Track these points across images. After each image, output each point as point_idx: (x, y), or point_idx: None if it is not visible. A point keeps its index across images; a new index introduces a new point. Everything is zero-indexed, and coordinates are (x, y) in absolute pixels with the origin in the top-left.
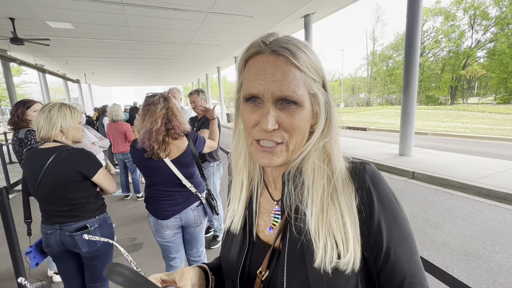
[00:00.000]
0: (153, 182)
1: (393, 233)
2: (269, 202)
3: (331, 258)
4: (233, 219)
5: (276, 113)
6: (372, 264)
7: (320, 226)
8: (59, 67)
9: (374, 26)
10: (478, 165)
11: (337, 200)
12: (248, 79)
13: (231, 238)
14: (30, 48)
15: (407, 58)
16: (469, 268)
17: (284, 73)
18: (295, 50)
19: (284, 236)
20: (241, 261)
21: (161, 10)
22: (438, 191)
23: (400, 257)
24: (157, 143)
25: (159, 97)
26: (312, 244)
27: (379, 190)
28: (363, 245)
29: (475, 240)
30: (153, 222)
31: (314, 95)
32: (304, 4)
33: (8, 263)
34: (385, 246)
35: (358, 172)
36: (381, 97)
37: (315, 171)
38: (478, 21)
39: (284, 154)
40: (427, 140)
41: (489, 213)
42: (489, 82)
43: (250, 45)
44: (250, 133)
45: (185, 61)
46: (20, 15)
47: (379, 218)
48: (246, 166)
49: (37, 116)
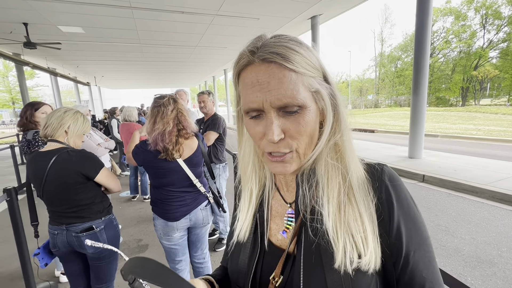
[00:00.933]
0: (163, 184)
1: (412, 237)
2: (281, 205)
3: (352, 258)
4: (241, 228)
5: (280, 121)
6: (391, 268)
7: (338, 226)
8: (70, 70)
9: (382, 27)
10: (491, 168)
11: (354, 198)
12: (244, 92)
13: (239, 247)
14: (43, 52)
15: (417, 59)
16: (483, 276)
17: (279, 80)
18: (285, 52)
19: (299, 239)
20: (253, 267)
21: (169, 14)
22: (449, 195)
23: (419, 262)
24: (171, 144)
25: (169, 98)
26: (331, 245)
27: (398, 193)
28: (381, 249)
29: (489, 246)
30: (162, 225)
31: (316, 91)
32: (311, 6)
33: (17, 264)
34: (404, 250)
35: (375, 173)
36: (390, 98)
37: (329, 169)
38: (490, 21)
39: (297, 160)
40: (438, 143)
41: (504, 218)
42: (502, 83)
43: (239, 56)
44: (260, 146)
45: (193, 63)
46: (33, 20)
47: (398, 221)
48: (256, 172)
49: (50, 114)
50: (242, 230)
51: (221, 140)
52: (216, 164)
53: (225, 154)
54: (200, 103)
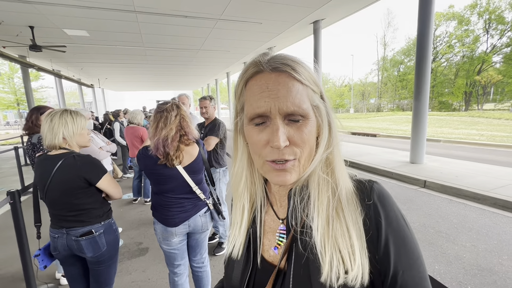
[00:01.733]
0: (163, 190)
1: (401, 256)
2: (274, 220)
3: (338, 274)
4: (234, 244)
5: (285, 129)
6: (379, 286)
7: (326, 240)
8: (74, 73)
9: (385, 31)
10: (494, 174)
11: (342, 213)
12: (251, 99)
13: (232, 262)
14: (48, 55)
15: (419, 64)
16: (483, 284)
17: (288, 88)
18: (294, 65)
19: (289, 255)
20: (245, 283)
21: (173, 18)
22: (451, 201)
23: (408, 282)
24: (172, 150)
25: (172, 104)
26: (318, 259)
27: (387, 211)
28: (370, 264)
29: (490, 254)
30: (161, 230)
31: (316, 106)
32: (314, 11)
33: (19, 264)
34: (392, 269)
35: (364, 190)
36: (392, 102)
37: (320, 183)
38: (494, 26)
39: (297, 169)
40: (440, 148)
41: (505, 226)
42: (505, 87)
43: (247, 66)
44: (261, 154)
45: (195, 66)
46: (39, 24)
47: (386, 239)
48: (248, 188)
49: (42, 124)
50: (236, 246)
51: (222, 144)
52: (217, 168)
53: (225, 158)
54: (202, 108)
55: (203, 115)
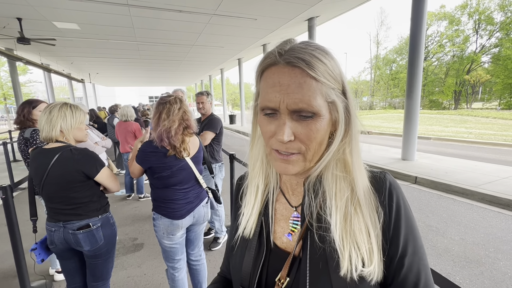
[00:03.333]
0: (171, 183)
1: (408, 242)
2: (286, 208)
3: (357, 267)
4: (246, 224)
5: (292, 124)
6: (387, 273)
7: (344, 236)
8: (64, 67)
9: (378, 30)
10: (481, 171)
11: (360, 210)
12: (264, 91)
13: (243, 245)
14: (36, 48)
15: (411, 62)
16: (471, 275)
17: (299, 85)
18: (310, 59)
19: (305, 243)
20: (258, 269)
21: (166, 12)
22: (441, 197)
23: (413, 266)
24: (178, 142)
25: (175, 97)
26: (338, 253)
27: (398, 199)
28: (383, 253)
29: (477, 247)
30: (166, 224)
31: (332, 102)
32: (308, 8)
33: (11, 261)
34: (399, 253)
35: (378, 181)
36: (384, 100)
37: (337, 180)
38: (483, 26)
39: (301, 163)
40: (430, 145)
41: (492, 220)
42: (493, 87)
43: (266, 55)
44: (268, 143)
45: (189, 62)
46: (27, 15)
47: (396, 225)
48: (263, 170)
49: (40, 116)
50: (248, 226)
51: (218, 140)
52: (213, 163)
53: (221, 154)
54: (199, 103)
55: (200, 111)
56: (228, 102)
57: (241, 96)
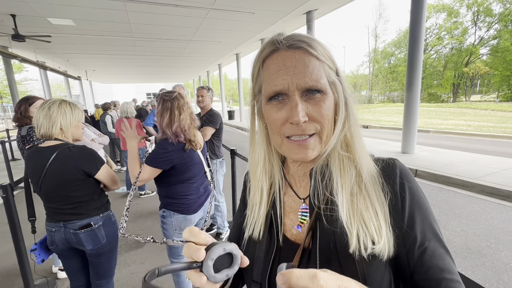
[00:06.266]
0: (186, 178)
1: (425, 227)
2: (294, 200)
3: (366, 245)
4: (254, 226)
5: (303, 105)
6: (404, 260)
7: (351, 214)
8: (60, 64)
9: (376, 23)
10: (481, 163)
11: (365, 189)
12: (269, 78)
13: (254, 244)
14: (32, 45)
15: (411, 55)
16: (473, 266)
17: (305, 64)
18: (310, 41)
19: (314, 234)
20: (270, 262)
21: (163, 7)
22: (441, 189)
23: (435, 252)
24: (192, 136)
25: (179, 93)
26: (346, 232)
27: (410, 185)
28: (395, 236)
29: (479, 238)
30: (180, 221)
31: (333, 83)
32: (307, 1)
33: (13, 260)
34: (419, 239)
35: (387, 166)
36: (383, 94)
37: (342, 161)
38: (482, 18)
39: (318, 146)
40: (430, 138)
41: (493, 211)
42: (492, 79)
43: (264, 45)
44: (280, 132)
45: (186, 58)
46: (21, 12)
47: (411, 212)
48: (266, 171)
49: (37, 113)
50: (256, 228)
51: (218, 135)
52: (213, 159)
53: (222, 149)
54: (199, 97)
55: (199, 104)
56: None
57: (239, 92)
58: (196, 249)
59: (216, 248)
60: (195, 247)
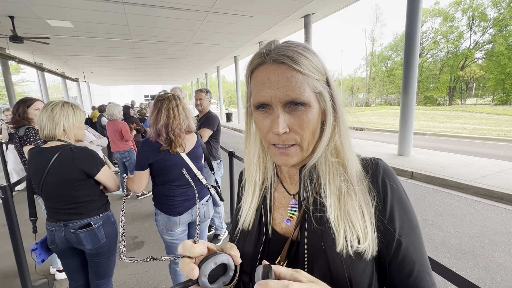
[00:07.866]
0: (168, 180)
1: (404, 222)
2: (284, 196)
3: (352, 243)
4: (245, 218)
5: (285, 116)
6: (384, 253)
7: (339, 215)
8: (58, 66)
9: (373, 27)
10: (476, 165)
11: (353, 190)
12: (255, 89)
13: (244, 234)
14: (29, 47)
15: (407, 59)
16: (467, 267)
17: (287, 79)
18: (294, 55)
19: (302, 227)
20: (259, 253)
21: (162, 9)
22: (436, 191)
23: (409, 245)
24: (174, 136)
25: (173, 95)
26: (333, 232)
27: (392, 183)
28: (378, 233)
29: (473, 239)
30: (165, 220)
31: (319, 93)
32: (304, 5)
33: (11, 261)
34: (397, 233)
35: (371, 166)
36: (380, 97)
37: (330, 165)
38: (477, 23)
39: (299, 153)
40: (426, 141)
41: (487, 213)
42: (487, 83)
43: (254, 56)
44: (266, 138)
45: (185, 60)
46: (20, 13)
47: (391, 207)
48: (259, 167)
49: (40, 114)
50: (247, 219)
51: (216, 137)
52: (211, 161)
53: (219, 151)
54: (197, 100)
55: (197, 107)
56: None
57: (237, 94)
58: (190, 269)
59: (207, 264)
60: (189, 266)
